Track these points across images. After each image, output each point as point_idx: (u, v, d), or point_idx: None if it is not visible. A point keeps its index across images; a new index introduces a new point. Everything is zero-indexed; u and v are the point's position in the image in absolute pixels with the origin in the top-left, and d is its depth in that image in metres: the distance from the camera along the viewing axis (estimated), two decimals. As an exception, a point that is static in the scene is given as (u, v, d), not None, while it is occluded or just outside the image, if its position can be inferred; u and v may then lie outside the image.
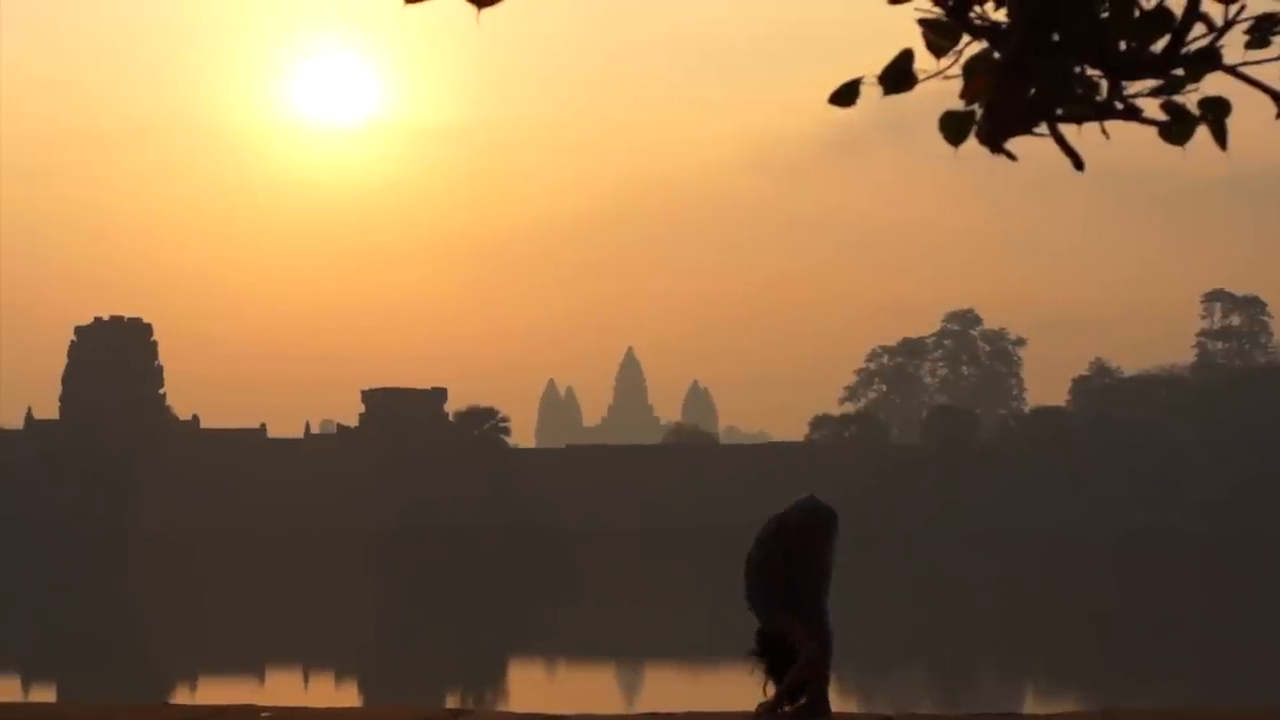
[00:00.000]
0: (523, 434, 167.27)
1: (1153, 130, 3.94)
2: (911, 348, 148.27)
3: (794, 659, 9.48)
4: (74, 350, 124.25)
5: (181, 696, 44.24)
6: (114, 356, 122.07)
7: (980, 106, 3.89)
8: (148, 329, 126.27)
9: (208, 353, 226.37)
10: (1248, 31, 3.89)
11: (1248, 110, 4.44)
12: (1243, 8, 3.85)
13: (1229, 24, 3.86)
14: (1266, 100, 3.94)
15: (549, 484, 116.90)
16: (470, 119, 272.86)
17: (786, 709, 9.43)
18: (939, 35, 3.89)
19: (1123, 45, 3.86)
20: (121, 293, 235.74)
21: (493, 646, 63.12)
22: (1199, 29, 3.87)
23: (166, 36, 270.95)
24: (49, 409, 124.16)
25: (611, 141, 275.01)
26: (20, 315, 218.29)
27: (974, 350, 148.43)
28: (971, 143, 3.94)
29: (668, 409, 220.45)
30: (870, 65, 3.93)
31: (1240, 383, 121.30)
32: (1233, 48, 3.88)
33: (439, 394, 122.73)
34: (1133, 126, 3.97)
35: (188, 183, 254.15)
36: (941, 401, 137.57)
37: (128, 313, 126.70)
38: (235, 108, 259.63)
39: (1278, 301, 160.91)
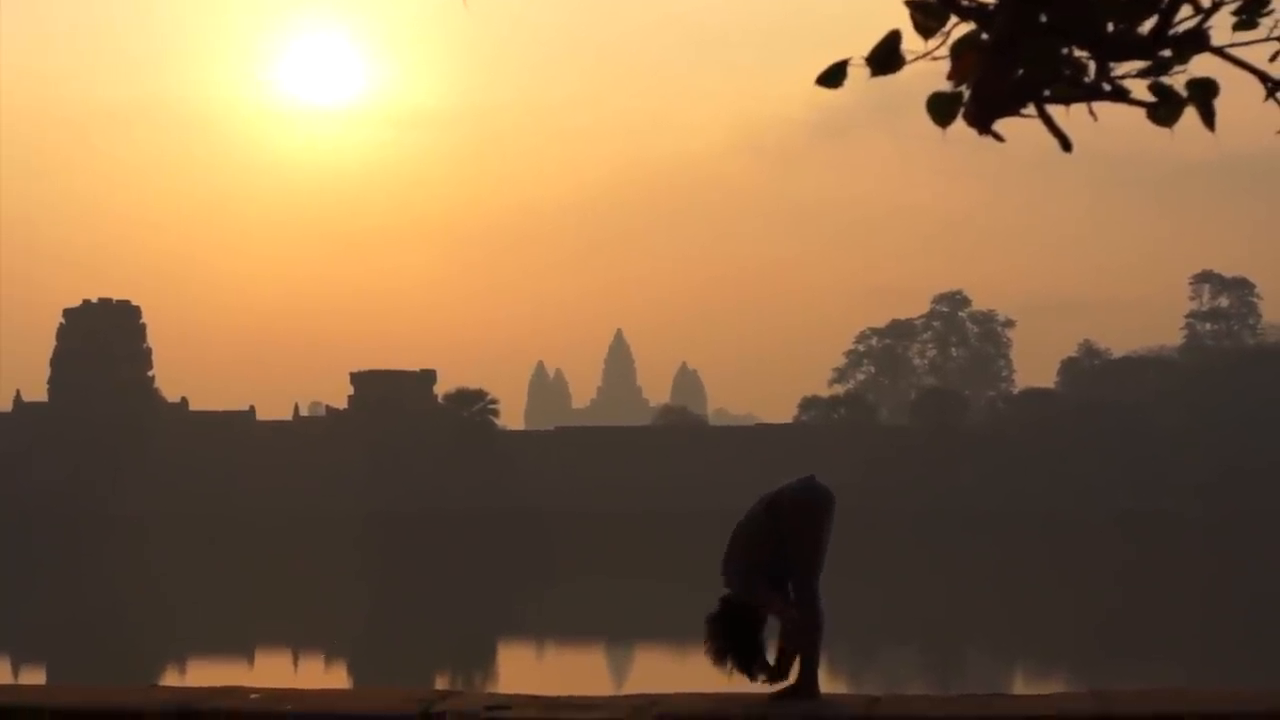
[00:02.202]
0: (512, 416, 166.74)
1: (1141, 112, 3.95)
2: (900, 329, 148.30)
3: (753, 629, 9.51)
4: (62, 333, 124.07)
5: (170, 679, 44.27)
6: (102, 339, 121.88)
7: (968, 88, 3.90)
8: (136, 311, 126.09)
9: (196, 335, 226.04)
10: (1235, 13, 3.89)
11: (1236, 92, 4.45)
12: (1230, -12, 3.86)
13: (1217, 5, 3.86)
14: (1255, 81, 3.94)
15: (538, 466, 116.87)
16: (460, 103, 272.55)
17: (762, 678, 9.46)
18: (927, 16, 3.89)
19: (1110, 26, 3.86)
20: (110, 275, 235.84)
21: (482, 628, 63.19)
22: (1186, 10, 3.87)
23: (153, 20, 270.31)
24: (37, 391, 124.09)
25: (602, 125, 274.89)
26: (8, 298, 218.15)
27: (963, 332, 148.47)
28: (960, 124, 3.94)
29: (657, 391, 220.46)
30: (859, 48, 3.93)
31: (1229, 364, 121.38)
32: (1220, 29, 3.88)
33: (428, 376, 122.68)
34: (1121, 108, 3.97)
35: (175, 166, 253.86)
36: (930, 383, 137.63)
37: (116, 295, 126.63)
38: (223, 90, 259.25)
39: (1266, 283, 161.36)
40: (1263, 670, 44.45)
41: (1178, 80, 3.90)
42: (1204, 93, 3.90)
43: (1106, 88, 3.91)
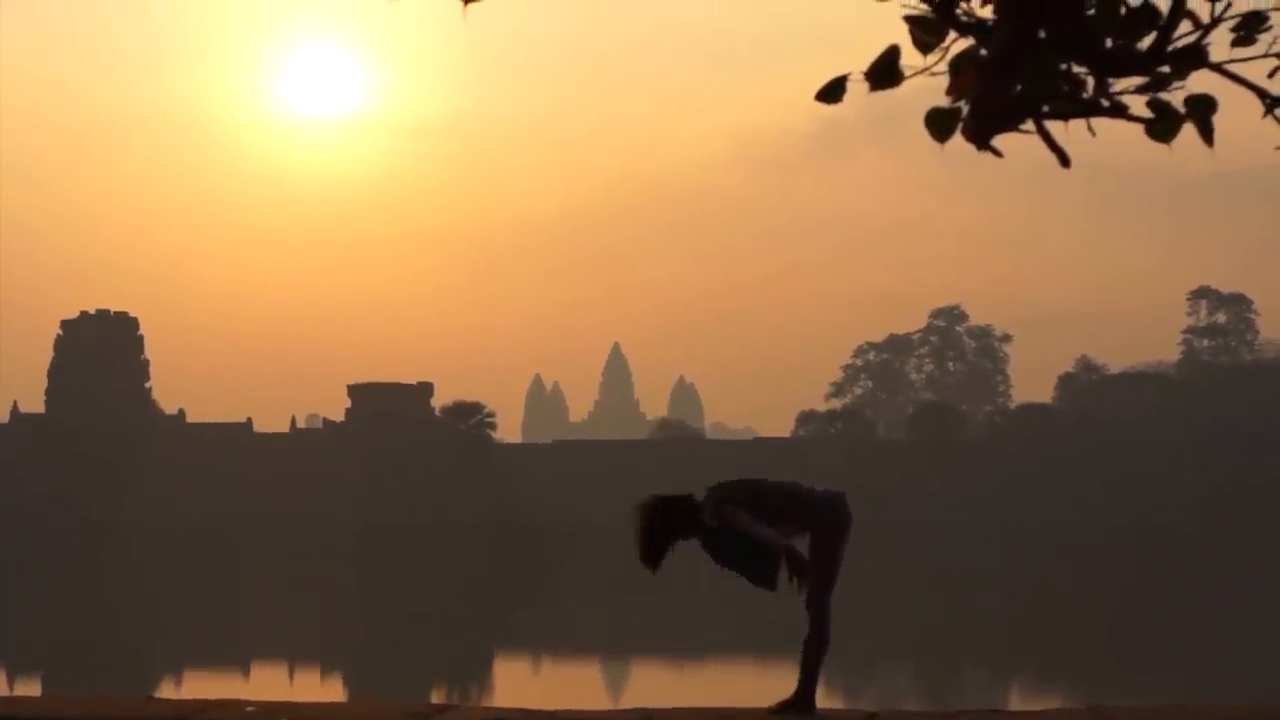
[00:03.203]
0: (509, 429, 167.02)
1: (1139, 126, 3.95)
2: (898, 344, 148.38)
3: (680, 527, 9.53)
4: (60, 344, 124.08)
5: (166, 690, 44.20)
6: (100, 350, 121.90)
7: (966, 103, 3.90)
8: (134, 323, 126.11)
9: (194, 347, 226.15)
10: (1234, 29, 3.89)
11: (1234, 108, 4.45)
12: (1229, 5, 3.86)
13: (1215, 21, 3.87)
14: (1253, 97, 3.94)
15: (535, 479, 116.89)
16: (457, 113, 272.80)
17: (647, 568, 9.61)
18: (925, 32, 3.90)
19: (1109, 42, 3.87)
20: (107, 286, 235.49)
21: (478, 641, 63.13)
22: (1185, 26, 3.87)
23: (152, 29, 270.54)
24: (34, 402, 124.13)
25: (599, 136, 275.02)
26: (6, 308, 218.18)
27: (960, 347, 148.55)
28: (958, 139, 3.94)
29: (654, 404, 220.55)
30: (857, 61, 3.93)
31: (1226, 380, 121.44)
32: (1219, 45, 3.89)
33: (425, 389, 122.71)
34: (1119, 123, 3.97)
35: (173, 176, 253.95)
36: (927, 398, 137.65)
37: (114, 306, 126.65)
38: (221, 100, 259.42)
39: (1264, 299, 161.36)
40: (1261, 686, 44.42)
41: (1176, 96, 3.91)
42: (1202, 109, 3.91)
43: (1105, 104, 3.91)
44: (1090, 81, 3.90)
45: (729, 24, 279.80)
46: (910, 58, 3.91)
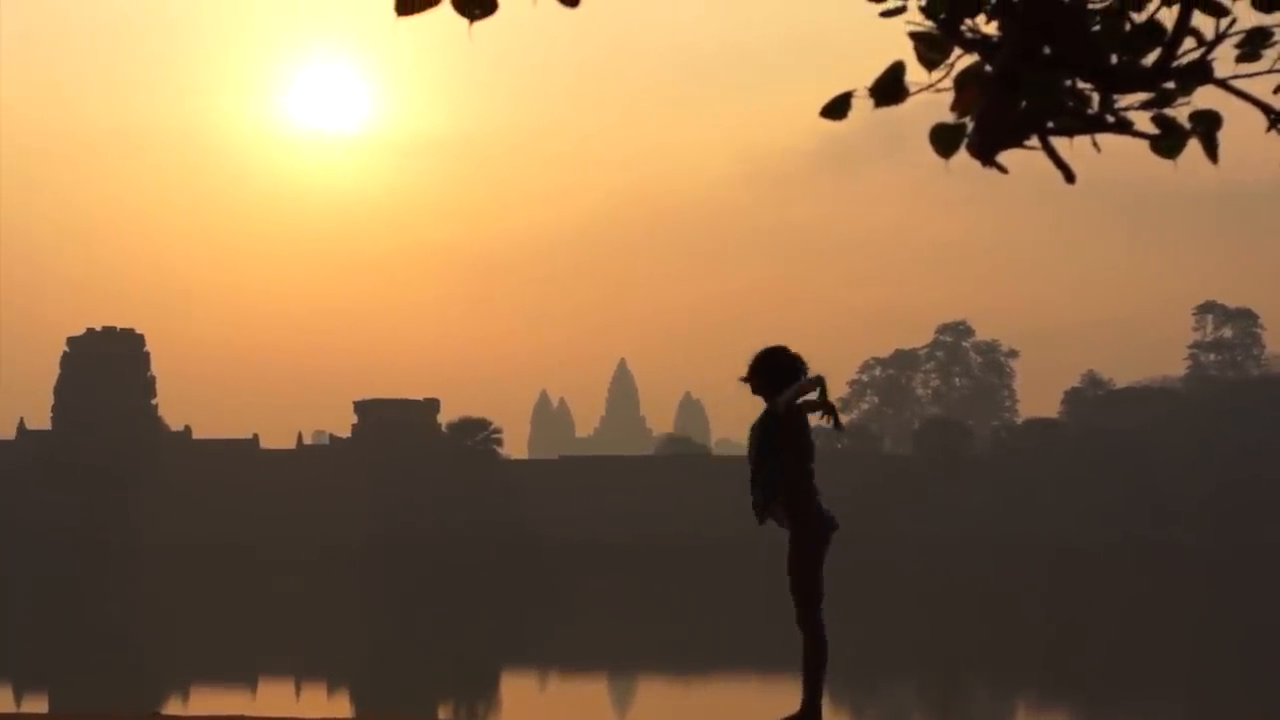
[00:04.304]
0: (515, 445, 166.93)
1: (1145, 142, 3.95)
2: (904, 359, 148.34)
3: (783, 375, 10.65)
4: (66, 360, 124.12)
5: (173, 706, 44.20)
6: (106, 367, 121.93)
7: (971, 119, 3.91)
8: (140, 339, 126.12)
9: (200, 363, 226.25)
10: (1238, 45, 3.90)
11: (1239, 123, 4.45)
12: (1233, 22, 3.87)
13: (1220, 38, 3.88)
14: (1258, 113, 3.95)
15: (541, 495, 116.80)
16: (463, 129, 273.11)
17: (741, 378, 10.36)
18: (930, 48, 3.90)
19: (1114, 58, 3.87)
20: (114, 303, 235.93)
21: (485, 657, 63.13)
22: (1190, 43, 3.88)
23: (160, 45, 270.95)
24: (41, 419, 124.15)
25: (604, 152, 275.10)
26: (13, 325, 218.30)
27: (966, 362, 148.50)
28: (963, 154, 3.95)
29: (660, 420, 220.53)
30: (862, 76, 3.94)
31: (1232, 395, 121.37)
32: (1223, 61, 3.89)
33: (432, 405, 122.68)
34: (1125, 138, 3.97)
35: (180, 192, 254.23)
36: (934, 413, 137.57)
37: (120, 323, 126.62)
38: (229, 117, 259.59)
39: (1270, 314, 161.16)
40: (1260, 700, 44.37)
41: (1181, 112, 3.91)
42: (1207, 125, 3.91)
43: (1110, 119, 3.92)
44: (1095, 97, 3.91)
45: (732, 39, 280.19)
46: (915, 74, 3.92)
